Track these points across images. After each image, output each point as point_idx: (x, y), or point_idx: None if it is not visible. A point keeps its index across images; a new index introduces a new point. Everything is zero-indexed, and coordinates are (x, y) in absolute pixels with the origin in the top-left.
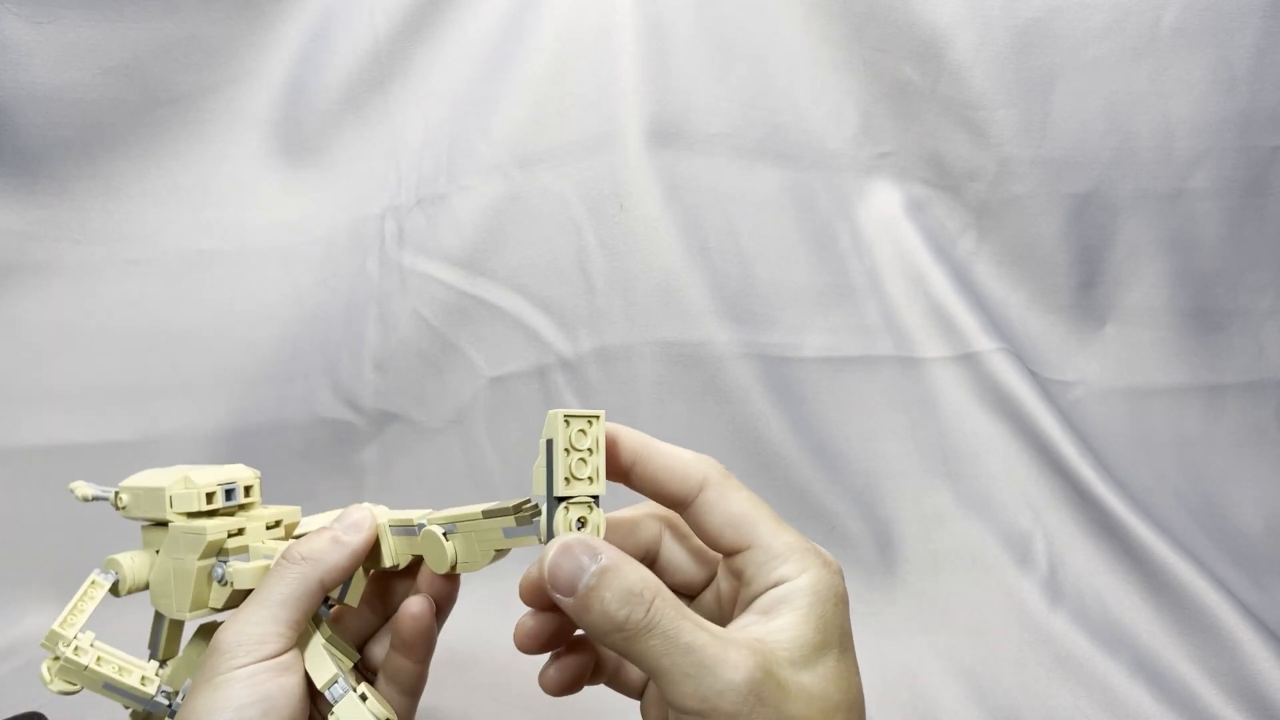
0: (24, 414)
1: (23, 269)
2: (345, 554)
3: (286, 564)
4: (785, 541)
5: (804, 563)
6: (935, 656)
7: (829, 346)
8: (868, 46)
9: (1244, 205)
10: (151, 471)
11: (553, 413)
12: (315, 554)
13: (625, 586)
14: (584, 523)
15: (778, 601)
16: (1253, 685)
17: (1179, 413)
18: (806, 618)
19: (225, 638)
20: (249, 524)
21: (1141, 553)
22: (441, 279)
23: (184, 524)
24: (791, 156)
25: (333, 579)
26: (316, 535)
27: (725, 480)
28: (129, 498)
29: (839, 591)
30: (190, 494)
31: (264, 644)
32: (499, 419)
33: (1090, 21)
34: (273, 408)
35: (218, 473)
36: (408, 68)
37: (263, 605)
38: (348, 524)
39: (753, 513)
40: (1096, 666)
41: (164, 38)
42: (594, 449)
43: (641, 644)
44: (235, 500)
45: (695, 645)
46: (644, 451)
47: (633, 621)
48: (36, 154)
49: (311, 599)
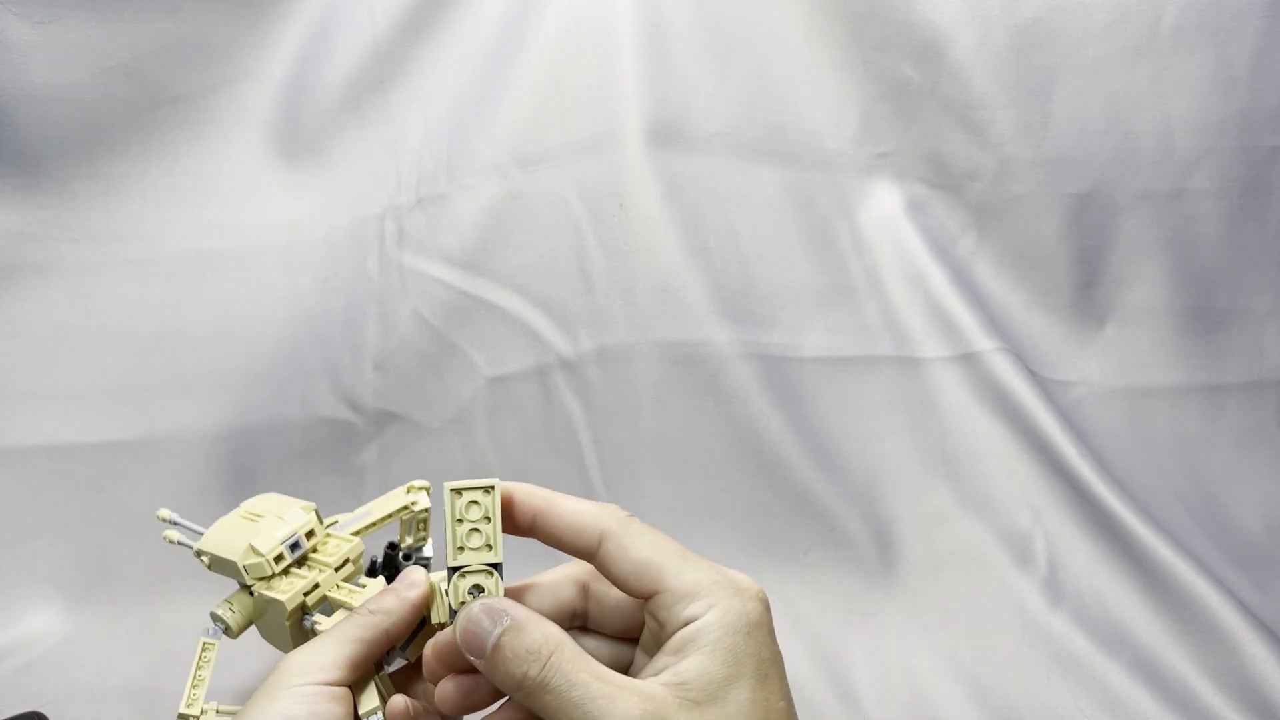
0: (24, 414)
1: (23, 269)
2: (406, 607)
3: (361, 613)
4: (690, 580)
5: (711, 599)
6: (935, 656)
7: (829, 346)
8: (868, 46)
9: (1244, 205)
10: (224, 524)
11: (445, 485)
12: (384, 608)
13: (524, 644)
14: (480, 589)
15: (685, 641)
16: (1253, 685)
17: (1179, 413)
18: (713, 654)
19: (293, 661)
20: (320, 576)
21: (1141, 553)
22: (441, 279)
23: (265, 593)
24: (791, 156)
25: (397, 630)
26: (385, 593)
27: (624, 528)
28: (209, 560)
29: (753, 619)
30: (260, 562)
31: (324, 671)
32: (499, 419)
33: (1090, 21)
34: (273, 408)
35: (278, 529)
36: (408, 68)
37: (332, 641)
38: (407, 583)
39: (655, 558)
40: (1096, 666)
41: (164, 38)
42: (489, 517)
43: (540, 700)
44: (301, 550)
45: (585, 699)
46: (544, 509)
47: (529, 678)
48: (36, 154)
49: (375, 645)
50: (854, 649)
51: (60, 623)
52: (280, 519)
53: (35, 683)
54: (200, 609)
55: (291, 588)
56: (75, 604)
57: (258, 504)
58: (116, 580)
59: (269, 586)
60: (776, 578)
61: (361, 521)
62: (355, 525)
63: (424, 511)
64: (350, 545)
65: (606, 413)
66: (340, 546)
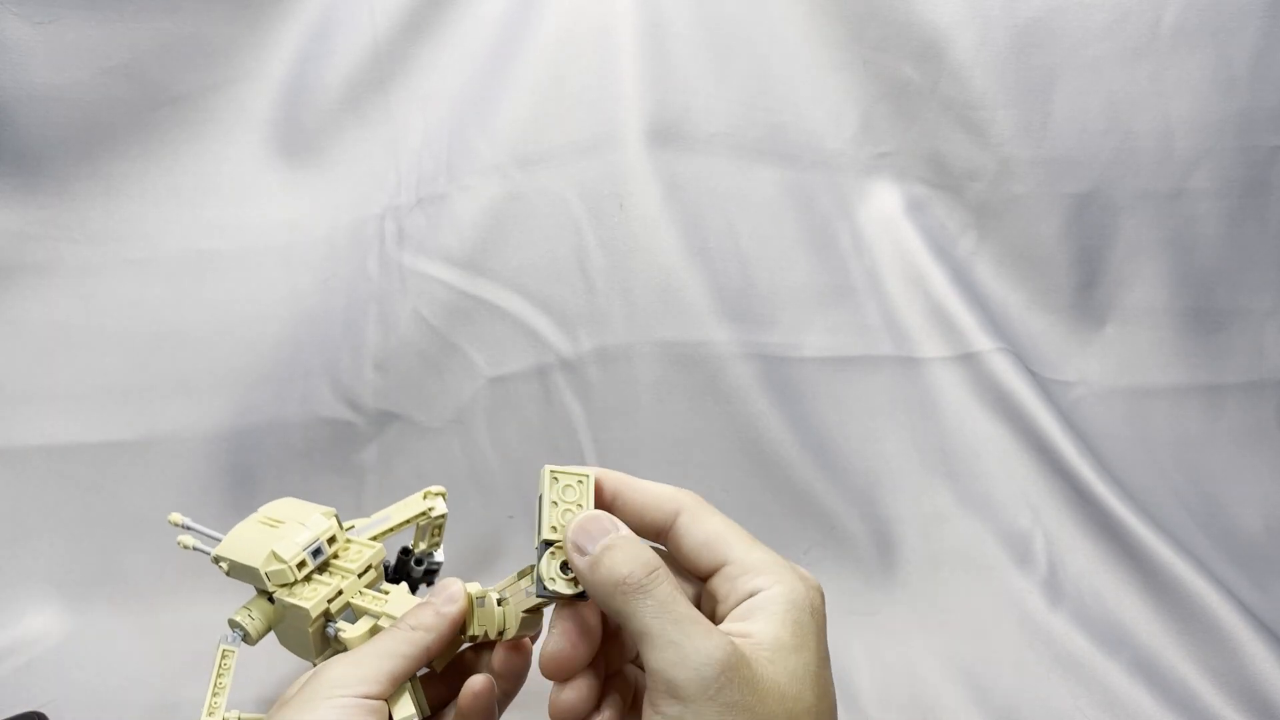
0: (24, 414)
1: (23, 269)
2: (446, 624)
3: (402, 629)
4: (758, 557)
5: (778, 575)
6: (935, 656)
7: (829, 346)
8: (868, 46)
9: (1244, 205)
10: (242, 530)
11: (544, 468)
12: (425, 624)
13: (634, 553)
14: (567, 567)
15: (752, 609)
16: (1253, 685)
17: (1179, 413)
18: (783, 621)
19: (333, 672)
20: (344, 583)
21: (1141, 553)
22: (442, 279)
23: (287, 600)
24: (791, 156)
25: (438, 647)
26: (423, 608)
27: (700, 506)
28: (228, 566)
29: (815, 605)
30: (283, 569)
31: (364, 684)
32: (499, 419)
33: (1090, 21)
34: (273, 408)
35: (300, 535)
36: (408, 68)
37: (373, 655)
38: (445, 598)
39: (726, 533)
40: (1096, 666)
41: (164, 38)
42: (582, 504)
43: (637, 603)
44: (323, 556)
45: (686, 617)
46: (623, 488)
47: (634, 579)
48: (36, 154)
49: (416, 661)
50: (854, 649)
51: (60, 623)
52: (302, 525)
53: (35, 683)
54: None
55: (315, 594)
56: (75, 604)
57: (277, 509)
58: (116, 580)
59: (291, 593)
60: None
61: (379, 526)
62: (373, 530)
63: (440, 517)
64: (373, 551)
65: (606, 413)
66: (362, 552)
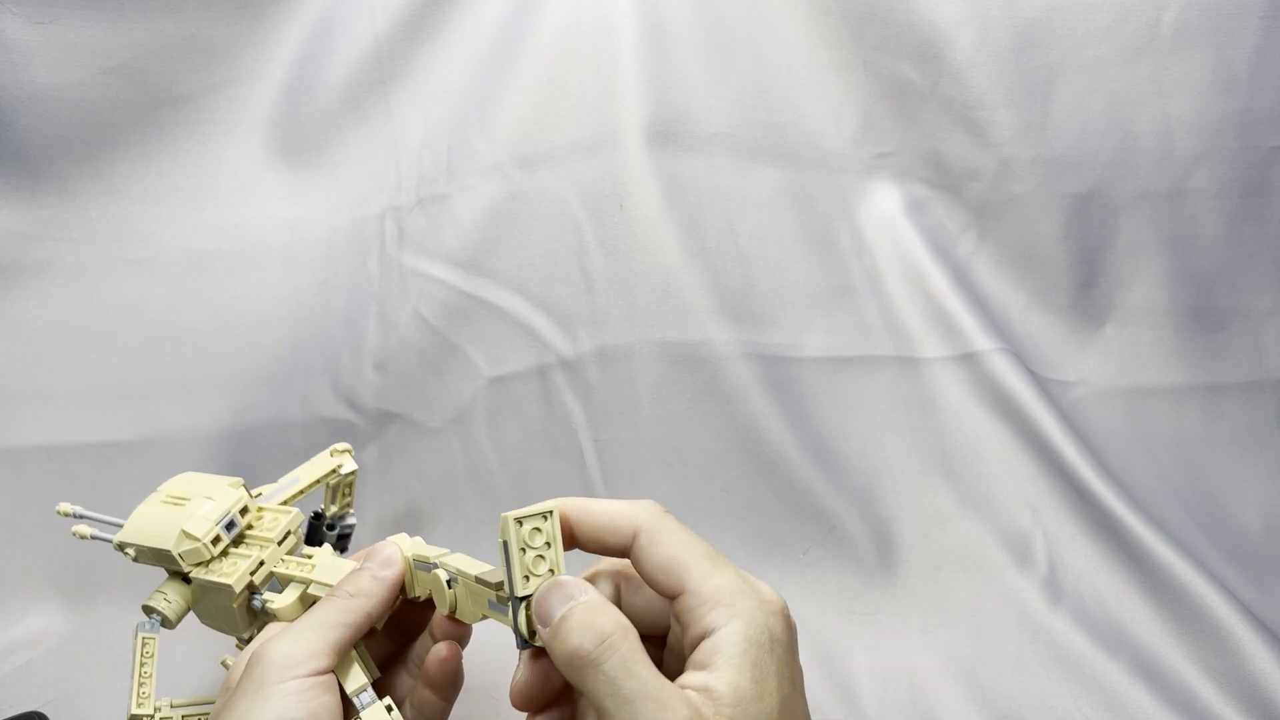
0: (24, 414)
1: (23, 269)
2: (385, 588)
3: (340, 596)
4: (715, 585)
5: (734, 607)
6: (935, 656)
7: (829, 346)
8: (868, 46)
9: (1244, 205)
10: (145, 513)
11: (504, 516)
12: (364, 590)
13: (591, 621)
14: None
15: (711, 653)
16: (1253, 685)
17: (1179, 413)
18: (740, 667)
19: (275, 650)
20: (264, 553)
21: (1141, 553)
22: (442, 279)
23: (207, 578)
24: (791, 156)
25: (379, 611)
26: (359, 573)
27: (656, 524)
28: (135, 552)
29: (775, 634)
30: (197, 547)
31: (311, 660)
32: (499, 419)
33: (1090, 21)
34: (273, 408)
35: (209, 510)
36: (408, 68)
37: (315, 627)
38: (380, 561)
39: (683, 556)
40: (1096, 666)
41: (165, 38)
42: (550, 542)
43: (589, 679)
44: (237, 528)
45: (636, 694)
46: (578, 514)
47: (583, 650)
48: (36, 154)
49: (359, 629)
50: (853, 649)
51: (60, 623)
52: (209, 499)
53: (35, 683)
54: None
55: (235, 569)
56: (75, 604)
57: (179, 486)
58: (116, 580)
59: (209, 571)
60: (776, 577)
61: (289, 490)
62: (283, 494)
63: (350, 475)
64: (289, 517)
65: (606, 413)
66: (278, 519)
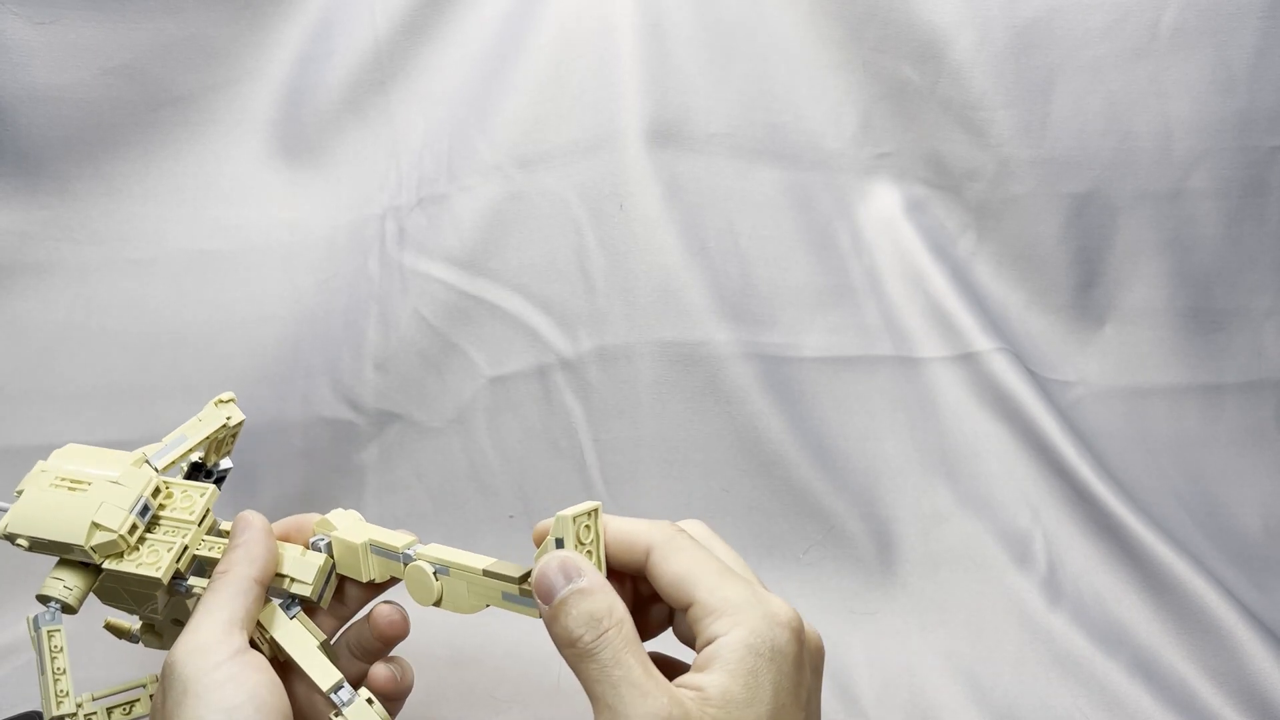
0: (24, 414)
1: (23, 269)
2: (253, 550)
3: (217, 579)
4: (723, 597)
5: (739, 618)
6: (935, 656)
7: (829, 346)
8: (868, 47)
9: (1244, 205)
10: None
11: (561, 515)
12: (231, 565)
13: (589, 609)
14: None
15: (710, 658)
16: (1253, 685)
17: (1179, 413)
18: (734, 673)
19: (183, 652)
20: (186, 538)
21: (1141, 553)
22: (442, 279)
23: (124, 570)
24: (791, 157)
25: (260, 573)
26: (228, 552)
27: (670, 541)
28: (29, 543)
29: (778, 646)
30: (113, 539)
31: (222, 643)
32: (499, 419)
33: (1090, 22)
34: (273, 408)
35: (119, 496)
36: (408, 68)
37: (209, 613)
38: (239, 529)
39: (694, 570)
40: (1096, 666)
41: (165, 38)
42: (597, 538)
43: (583, 666)
44: (150, 513)
45: (621, 682)
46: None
47: (582, 643)
48: (37, 154)
49: (247, 595)
50: (853, 648)
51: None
52: (115, 482)
53: (35, 683)
54: None
55: (158, 559)
56: None
57: (71, 464)
58: None
59: (124, 561)
60: (776, 577)
61: (178, 449)
62: (172, 454)
63: (238, 425)
64: (206, 495)
65: (606, 413)
66: (194, 499)
